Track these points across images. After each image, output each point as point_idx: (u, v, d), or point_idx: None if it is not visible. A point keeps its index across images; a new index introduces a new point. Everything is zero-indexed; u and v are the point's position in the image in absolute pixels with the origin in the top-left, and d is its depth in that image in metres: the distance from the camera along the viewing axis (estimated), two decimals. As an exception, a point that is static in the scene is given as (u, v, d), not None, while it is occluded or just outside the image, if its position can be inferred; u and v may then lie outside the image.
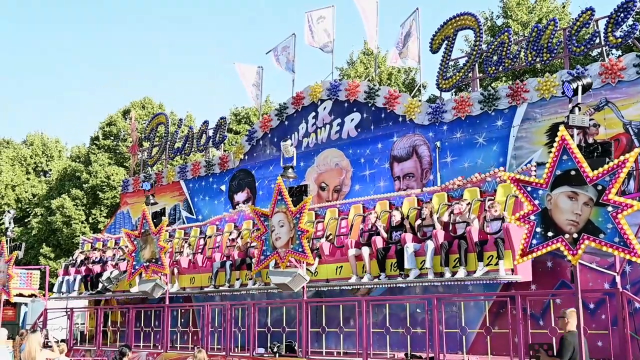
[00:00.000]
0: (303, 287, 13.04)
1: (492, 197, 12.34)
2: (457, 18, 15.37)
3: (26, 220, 41.54)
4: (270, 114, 19.82)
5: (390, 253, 12.82)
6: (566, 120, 9.24)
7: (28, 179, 43.34)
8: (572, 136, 9.17)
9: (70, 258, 21.50)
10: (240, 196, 19.80)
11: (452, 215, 12.39)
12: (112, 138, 40.74)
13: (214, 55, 73.26)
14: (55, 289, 20.33)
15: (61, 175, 42.06)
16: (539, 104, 13.66)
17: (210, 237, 17.62)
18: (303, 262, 13.06)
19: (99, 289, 18.44)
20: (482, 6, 46.20)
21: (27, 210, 41.86)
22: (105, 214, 38.16)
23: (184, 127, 27.46)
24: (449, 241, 12.08)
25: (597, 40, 13.44)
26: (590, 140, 11.79)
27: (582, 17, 13.49)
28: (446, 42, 15.57)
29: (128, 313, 16.54)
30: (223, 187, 20.38)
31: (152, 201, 17.13)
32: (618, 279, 9.50)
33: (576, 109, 9.03)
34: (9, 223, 20.91)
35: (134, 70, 75.51)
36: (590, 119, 11.67)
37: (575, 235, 8.67)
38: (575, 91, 9.21)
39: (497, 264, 11.20)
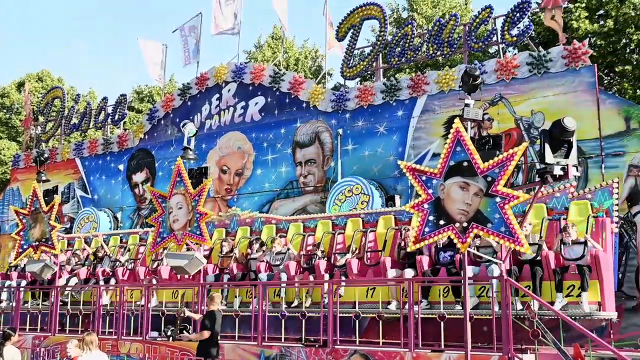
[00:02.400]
0: (200, 270, 12.89)
1: (564, 215, 10.89)
2: (364, 7, 15.56)
3: None
4: (173, 94, 19.42)
5: (439, 274, 10.93)
6: (461, 113, 9.56)
7: None
8: (466, 129, 9.50)
9: (9, 260, 18.42)
10: (138, 176, 19.32)
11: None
12: (4, 110, 38.68)
13: (120, 31, 70.85)
14: None
15: (-54, 147, 39.55)
16: (438, 96, 14.08)
17: (197, 244, 14.45)
18: (200, 245, 12.92)
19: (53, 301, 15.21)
20: (390, -2, 46.89)
21: None
22: (-6, 191, 36.26)
23: (82, 102, 26.44)
24: (518, 266, 10.35)
25: (495, 38, 13.98)
26: (484, 134, 12.28)
27: (482, 15, 13.96)
28: (352, 30, 15.74)
29: (15, 294, 15.81)
30: (121, 167, 19.80)
31: (43, 178, 16.38)
32: (503, 266, 9.93)
33: (470, 102, 9.35)
34: None
35: (32, 41, 71.87)
36: (485, 113, 12.13)
37: (465, 224, 9.02)
38: (469, 85, 9.55)
39: (579, 295, 9.72)
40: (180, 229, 12.88)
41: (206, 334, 10.35)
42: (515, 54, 14.56)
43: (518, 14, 13.50)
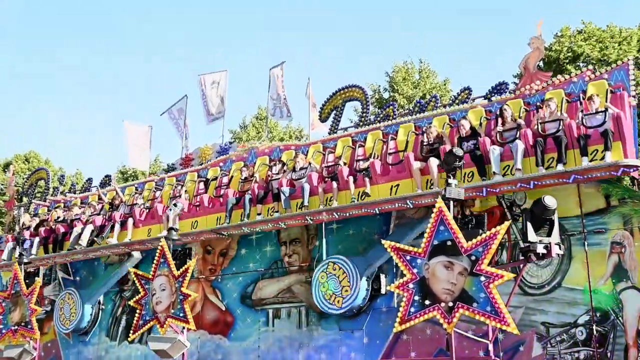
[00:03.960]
0: (183, 354, 12.65)
1: (582, 96, 11.89)
2: (346, 90, 15.91)
3: None
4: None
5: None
6: (443, 192, 9.68)
7: None
8: (449, 208, 9.60)
9: (22, 222, 19.67)
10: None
11: (539, 116, 11.64)
12: (-10, 192, 38.56)
13: (104, 112, 71.67)
14: (4, 256, 18.51)
15: None
16: (421, 175, 14.18)
17: (215, 178, 16.12)
18: (184, 328, 12.71)
19: (72, 248, 17.01)
20: (371, 79, 48.14)
21: None
22: (-27, 273, 35.62)
23: (67, 183, 26.47)
24: (543, 138, 11.30)
25: (474, 118, 14.27)
26: (467, 212, 12.37)
27: (461, 96, 14.28)
28: (335, 112, 16.02)
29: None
30: (104, 248, 19.57)
31: (25, 260, 16.20)
32: (490, 346, 9.85)
33: (452, 181, 9.49)
34: None
35: (19, 123, 72.35)
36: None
37: (450, 304, 9.01)
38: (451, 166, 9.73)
39: (603, 158, 10.66)
40: (163, 311, 12.72)
41: None
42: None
43: (496, 95, 13.85)
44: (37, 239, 18.11)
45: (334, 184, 13.23)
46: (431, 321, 10.70)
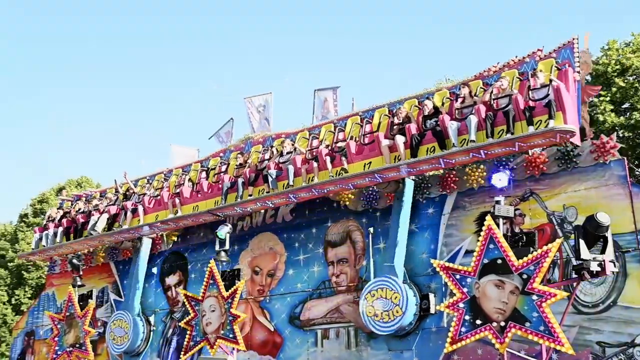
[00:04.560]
0: (232, 373, 12.72)
1: (531, 72, 12.89)
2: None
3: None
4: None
5: (426, 139, 13.31)
6: (492, 210, 9.58)
7: (-51, 256, 41.33)
8: (498, 225, 9.49)
9: (48, 215, 21.97)
10: (171, 279, 19.33)
11: (493, 92, 12.67)
12: (42, 216, 39.51)
13: (154, 137, 73.17)
14: (33, 245, 21.07)
15: (-16, 254, 40.30)
16: (468, 193, 14.04)
17: (214, 168, 17.77)
18: (234, 349, 12.81)
19: (89, 234, 18.82)
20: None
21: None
22: (29, 295, 36.54)
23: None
24: (493, 113, 12.43)
25: (522, 133, 14.12)
26: (517, 230, 12.17)
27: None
28: (377, 130, 16.05)
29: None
30: (154, 270, 19.87)
31: (78, 283, 16.57)
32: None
33: (501, 199, 9.39)
34: None
35: (72, 149, 74.36)
36: (516, 209, 12.06)
37: (502, 324, 8.88)
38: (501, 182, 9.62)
39: (547, 126, 11.66)
40: (213, 332, 12.83)
41: None
42: (544, 148, 14.65)
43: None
44: (60, 229, 20.12)
45: (315, 164, 14.79)
46: (483, 341, 10.53)
